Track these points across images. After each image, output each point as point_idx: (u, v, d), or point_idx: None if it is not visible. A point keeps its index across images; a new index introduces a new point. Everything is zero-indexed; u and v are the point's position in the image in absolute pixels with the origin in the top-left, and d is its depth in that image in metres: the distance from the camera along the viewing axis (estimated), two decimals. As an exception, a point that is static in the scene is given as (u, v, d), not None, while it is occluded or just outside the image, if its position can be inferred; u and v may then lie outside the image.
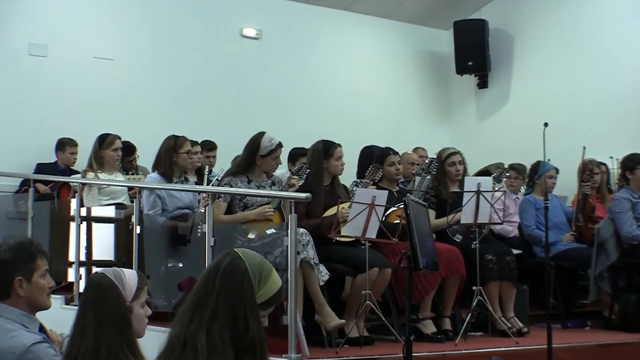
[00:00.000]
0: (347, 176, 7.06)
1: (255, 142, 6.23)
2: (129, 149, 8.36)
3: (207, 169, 7.99)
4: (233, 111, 10.27)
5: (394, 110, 11.72)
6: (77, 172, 8.20)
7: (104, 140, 7.65)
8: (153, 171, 7.04)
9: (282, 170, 7.41)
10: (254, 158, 6.21)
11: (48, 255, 3.44)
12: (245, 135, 6.45)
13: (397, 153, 7.10)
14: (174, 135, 7.01)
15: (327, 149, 6.51)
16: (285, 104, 10.72)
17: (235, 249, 2.56)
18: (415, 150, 9.51)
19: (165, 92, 9.92)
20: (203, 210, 6.16)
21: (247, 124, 9.40)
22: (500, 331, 6.67)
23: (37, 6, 9.30)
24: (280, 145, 6.28)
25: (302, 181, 6.29)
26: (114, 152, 7.63)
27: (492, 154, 9.85)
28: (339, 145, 6.60)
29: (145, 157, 8.10)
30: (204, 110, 10.07)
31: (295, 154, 7.87)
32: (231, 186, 6.14)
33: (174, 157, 6.87)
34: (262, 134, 6.26)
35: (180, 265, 6.59)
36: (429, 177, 7.17)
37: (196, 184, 7.63)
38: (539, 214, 7.69)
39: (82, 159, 8.37)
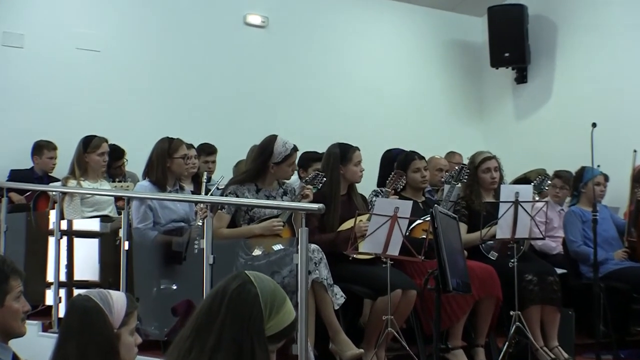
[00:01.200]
0: (366, 184, 7.04)
1: (267, 148, 6.23)
2: (116, 153, 8.36)
3: (205, 176, 7.99)
4: (235, 110, 10.27)
5: (420, 108, 11.70)
6: (57, 180, 8.21)
7: (89, 143, 7.65)
8: (144, 178, 7.03)
9: (293, 178, 7.40)
10: (267, 165, 6.22)
11: (23, 275, 3.44)
12: (249, 137, 6.46)
13: (423, 158, 7.08)
14: (168, 138, 7.01)
15: (344, 153, 6.52)
16: (295, 102, 10.72)
17: (246, 272, 2.56)
18: (450, 155, 9.49)
19: (158, 88, 9.93)
20: (201, 224, 6.16)
21: (251, 125, 9.43)
22: (542, 363, 6.65)
23: (12, -10, 9.35)
24: (295, 149, 6.30)
25: (317, 190, 6.29)
26: (99, 157, 7.63)
27: (532, 158, 9.81)
28: (358, 148, 6.60)
29: (135, 162, 8.10)
30: (202, 110, 10.07)
31: (307, 159, 7.86)
32: (237, 196, 6.14)
33: (168, 163, 6.87)
34: (274, 137, 6.27)
35: (175, 286, 6.59)
36: (459, 185, 7.15)
37: (193, 193, 7.63)
38: (586, 227, 7.66)
39: (62, 165, 8.38)
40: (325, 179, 6.34)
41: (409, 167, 6.92)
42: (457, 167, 7.34)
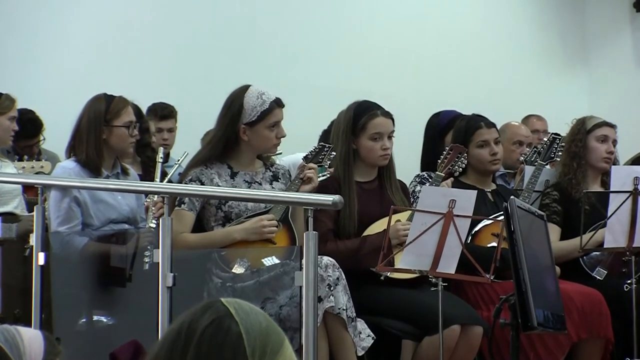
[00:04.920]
0: (407, 166, 7.08)
1: (235, 103, 6.24)
2: (30, 126, 8.37)
3: (160, 153, 8.01)
4: (206, 54, 10.27)
5: (489, 50, 11.71)
6: None
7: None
8: (68, 157, 7.07)
9: (293, 156, 7.43)
10: (236, 130, 6.23)
11: None
12: (225, 95, 6.46)
13: (493, 125, 7.11)
14: (105, 95, 7.02)
15: (357, 119, 6.52)
16: (301, 39, 10.73)
17: (223, 300, 2.54)
18: (532, 120, 9.47)
19: (91, 24, 9.91)
20: (154, 226, 6.20)
21: (230, 76, 9.40)
22: None
23: None
24: (278, 102, 6.28)
25: (326, 173, 6.31)
26: (10, 122, 7.62)
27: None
28: (380, 112, 6.57)
29: (53, 134, 8.14)
30: (156, 54, 10.08)
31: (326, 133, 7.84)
32: (202, 183, 6.17)
33: (104, 134, 6.89)
34: (244, 88, 6.28)
35: (113, 321, 6.64)
36: (549, 166, 7.16)
37: (142, 178, 7.66)
38: None
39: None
40: (334, 153, 6.33)
41: (471, 139, 6.94)
42: (545, 139, 7.35)
